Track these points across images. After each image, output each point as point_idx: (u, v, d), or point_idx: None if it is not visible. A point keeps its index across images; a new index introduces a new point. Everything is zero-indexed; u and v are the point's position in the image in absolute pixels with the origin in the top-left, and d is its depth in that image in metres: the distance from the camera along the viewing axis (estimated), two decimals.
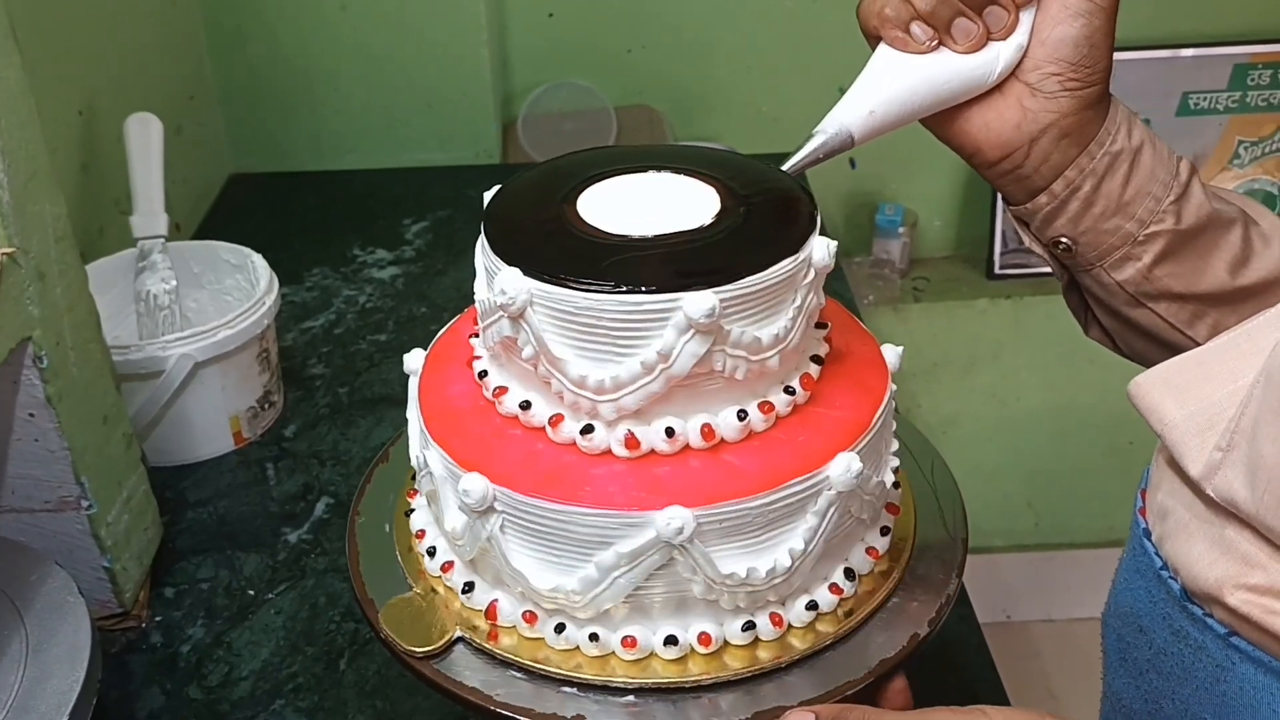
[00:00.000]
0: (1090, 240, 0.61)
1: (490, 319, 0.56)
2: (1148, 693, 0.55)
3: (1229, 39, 1.66)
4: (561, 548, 0.54)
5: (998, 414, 1.87)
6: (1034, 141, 0.59)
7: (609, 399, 0.53)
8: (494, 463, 0.54)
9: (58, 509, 0.77)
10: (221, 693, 0.79)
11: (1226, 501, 0.48)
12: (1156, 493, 0.54)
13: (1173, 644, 0.53)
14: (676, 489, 0.53)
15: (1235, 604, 0.49)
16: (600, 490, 0.53)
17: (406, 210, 1.42)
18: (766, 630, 0.56)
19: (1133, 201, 0.60)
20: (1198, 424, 0.50)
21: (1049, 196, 0.60)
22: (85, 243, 1.11)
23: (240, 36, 1.46)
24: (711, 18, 1.63)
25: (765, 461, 0.54)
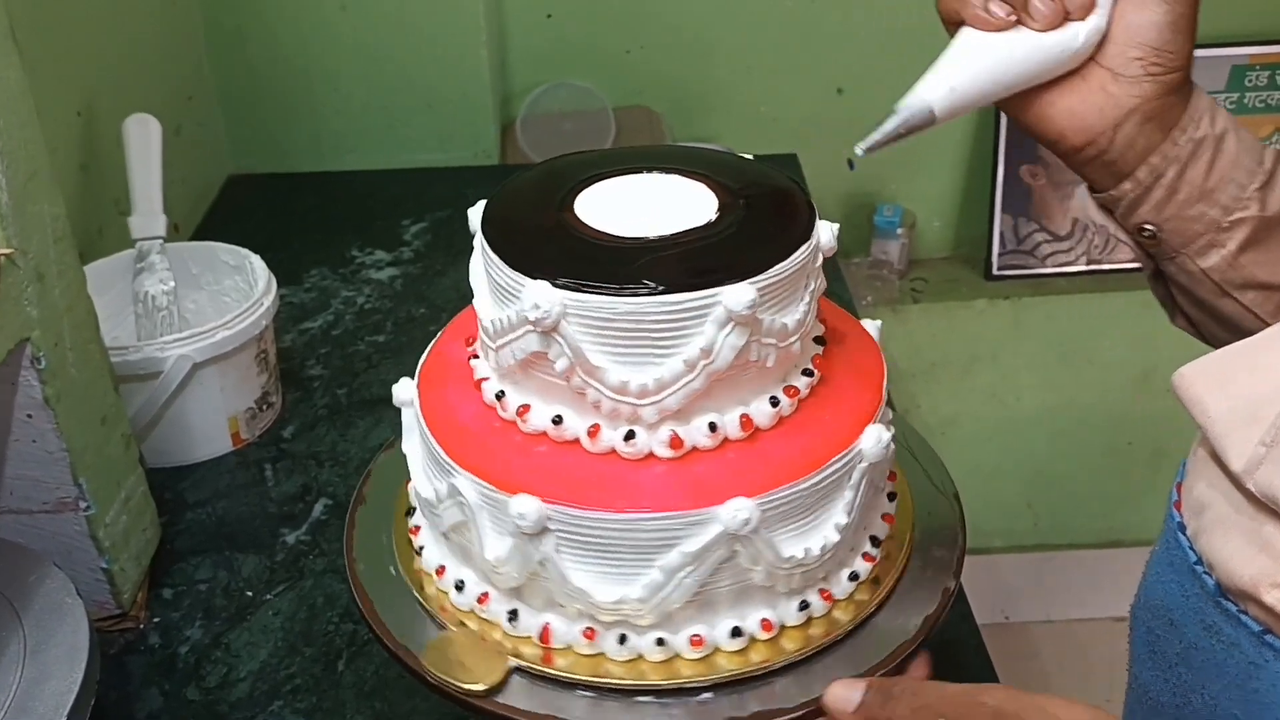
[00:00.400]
0: (1175, 227, 0.61)
1: (510, 337, 0.55)
2: (1176, 686, 0.55)
3: (1227, 40, 1.66)
4: (623, 557, 0.54)
5: (997, 415, 1.87)
6: (1118, 126, 0.59)
7: (651, 401, 0.54)
8: (539, 482, 0.54)
9: (56, 510, 0.77)
10: (220, 694, 0.79)
11: (1268, 498, 0.48)
12: (1194, 486, 0.54)
13: (1204, 639, 0.53)
14: (729, 482, 0.54)
15: (1272, 602, 0.48)
16: (656, 493, 0.54)
17: (405, 211, 1.42)
18: (819, 607, 0.57)
19: (1217, 188, 0.60)
20: (1241, 417, 0.50)
21: (1133, 183, 0.60)
22: (84, 243, 1.11)
23: (240, 37, 1.46)
24: (711, 18, 1.63)
25: (802, 444, 0.56)
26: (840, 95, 1.70)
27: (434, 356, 0.65)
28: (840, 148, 1.74)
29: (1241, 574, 0.50)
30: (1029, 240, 1.76)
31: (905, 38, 1.62)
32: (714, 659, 0.56)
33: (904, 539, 0.63)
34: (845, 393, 0.59)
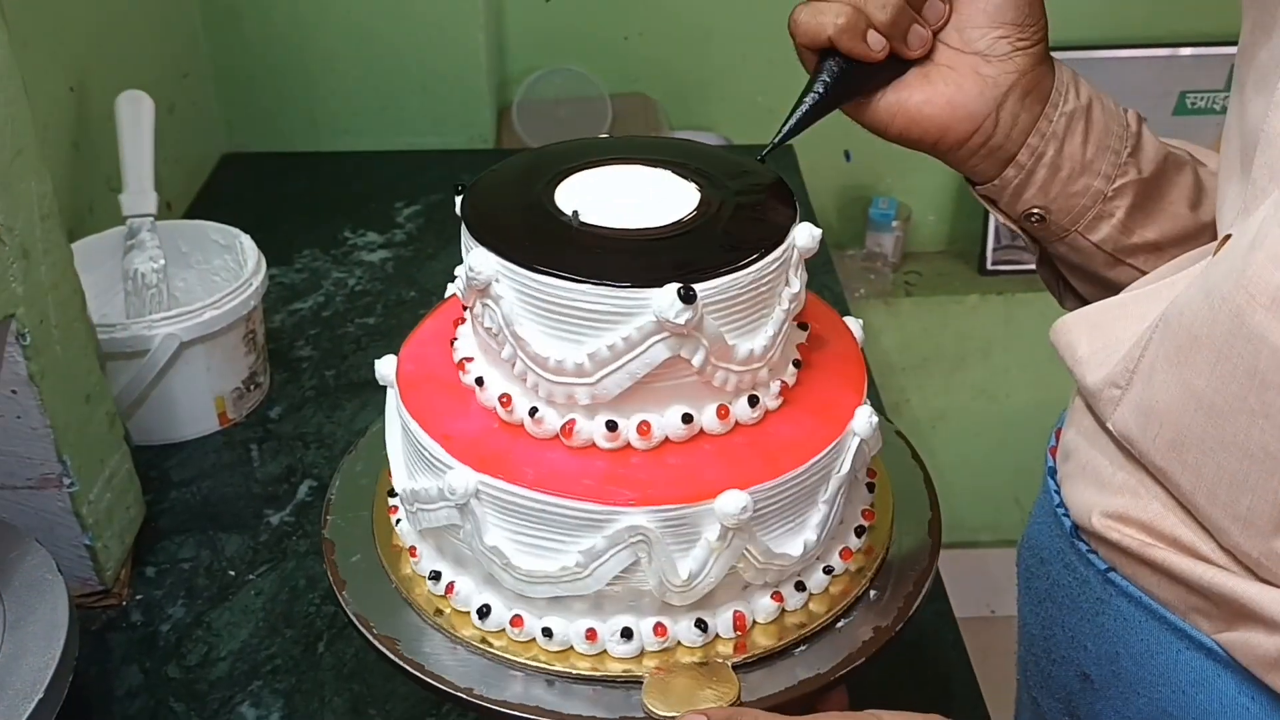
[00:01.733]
0: (1062, 205, 0.61)
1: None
2: (1044, 620, 0.59)
3: (1227, 38, 1.66)
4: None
5: (986, 409, 1.87)
6: (1000, 107, 0.59)
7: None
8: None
9: (39, 486, 0.77)
10: (200, 672, 0.79)
11: (1123, 437, 0.51)
12: (1066, 432, 0.57)
13: (1064, 576, 0.57)
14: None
15: (1098, 527, 0.52)
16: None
17: (399, 193, 1.41)
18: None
19: (1096, 158, 0.61)
20: (1099, 359, 0.52)
21: (1015, 169, 0.61)
22: (75, 220, 1.11)
23: (235, 15, 1.45)
24: (709, 6, 1.62)
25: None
26: None
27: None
28: (837, 139, 1.74)
29: (1077, 504, 0.54)
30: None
31: None
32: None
33: (882, 540, 0.63)
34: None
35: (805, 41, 0.60)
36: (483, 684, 0.55)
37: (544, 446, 0.55)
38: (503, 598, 0.57)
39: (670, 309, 0.50)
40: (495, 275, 0.54)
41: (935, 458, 0.71)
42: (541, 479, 0.53)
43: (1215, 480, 0.47)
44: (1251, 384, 0.45)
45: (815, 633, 0.58)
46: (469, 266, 0.54)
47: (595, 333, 0.52)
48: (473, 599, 0.57)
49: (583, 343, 0.53)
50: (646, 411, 0.55)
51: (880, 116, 0.61)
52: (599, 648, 0.55)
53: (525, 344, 0.54)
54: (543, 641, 0.56)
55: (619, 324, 0.52)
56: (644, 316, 0.51)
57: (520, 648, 0.56)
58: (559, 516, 0.53)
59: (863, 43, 0.58)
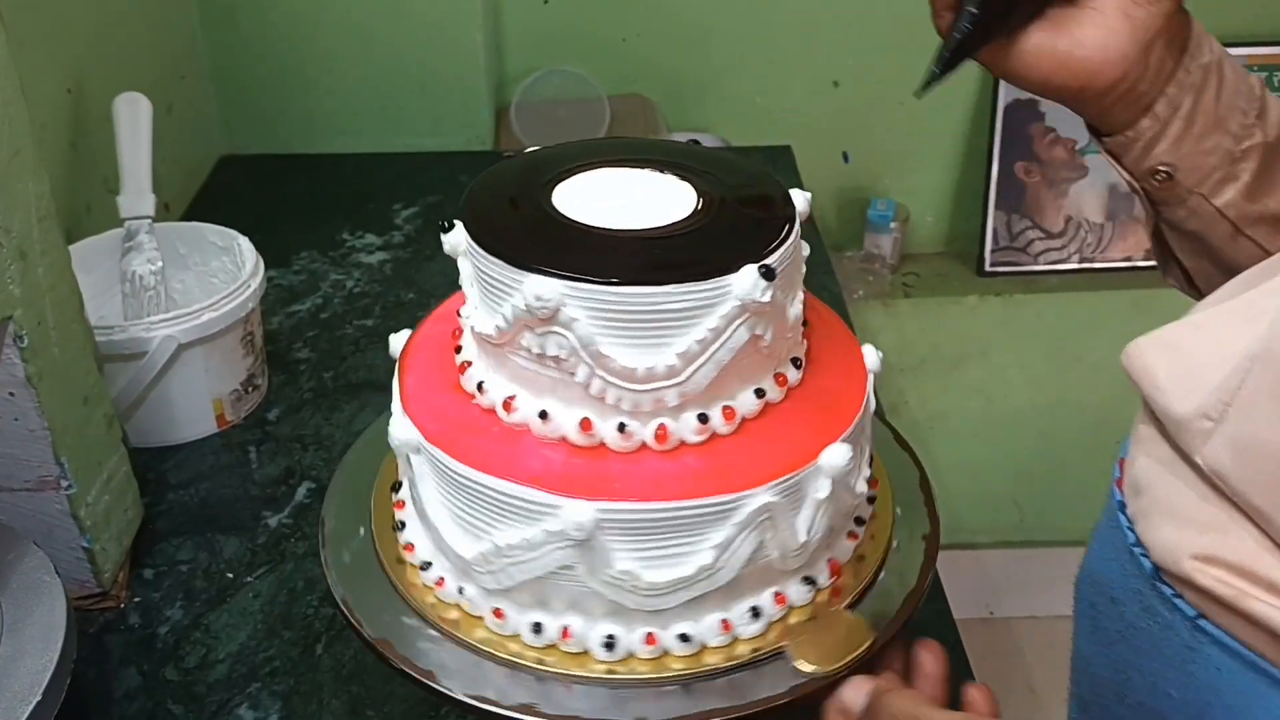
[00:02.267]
0: (1191, 163, 0.60)
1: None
2: (1116, 662, 0.56)
3: (1227, 41, 1.65)
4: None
5: (985, 410, 1.87)
6: (1148, 50, 0.58)
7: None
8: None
9: (37, 488, 0.77)
10: (198, 674, 0.79)
11: (1214, 473, 0.48)
12: (1135, 463, 0.54)
13: (1143, 619, 0.53)
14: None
15: (1188, 572, 0.49)
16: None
17: (397, 195, 1.41)
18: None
19: (1227, 116, 0.59)
20: (1185, 386, 0.50)
21: (1152, 120, 0.59)
22: (72, 221, 1.11)
23: (233, 16, 1.45)
24: (707, 8, 1.62)
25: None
26: (836, 88, 1.69)
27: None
28: (835, 140, 1.74)
29: (1165, 544, 0.50)
30: (1022, 237, 1.76)
31: (902, 32, 1.61)
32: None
33: (883, 539, 0.63)
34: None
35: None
36: (486, 687, 0.55)
37: (633, 459, 0.55)
38: (553, 612, 0.57)
39: (755, 289, 0.52)
40: (562, 300, 0.53)
41: (933, 458, 0.71)
42: (662, 490, 0.53)
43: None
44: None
45: None
46: (534, 296, 0.52)
47: (681, 331, 0.53)
48: (522, 622, 0.57)
49: (669, 344, 0.53)
50: (724, 398, 0.56)
51: (1027, 60, 0.59)
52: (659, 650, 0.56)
53: (609, 360, 0.53)
54: (601, 654, 0.56)
55: (703, 317, 0.53)
56: (727, 303, 0.53)
57: (571, 660, 0.57)
58: (691, 519, 0.53)
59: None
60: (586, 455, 0.55)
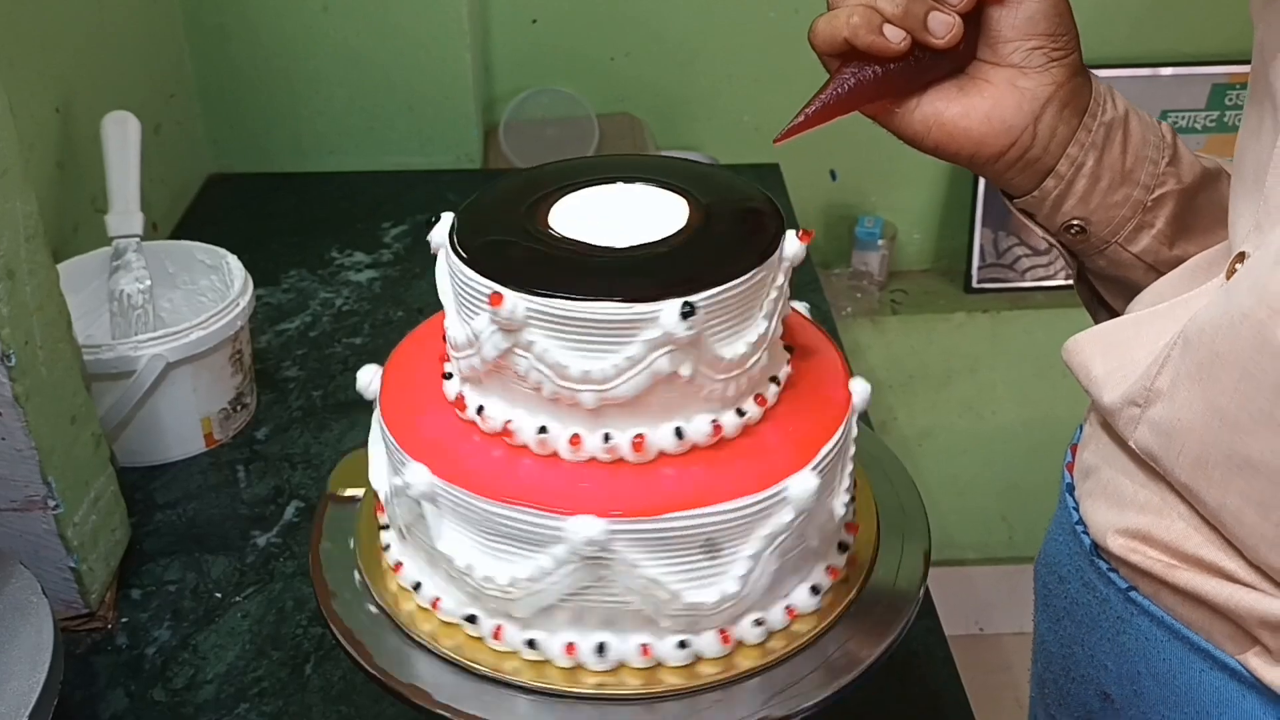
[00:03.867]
0: (1102, 217, 0.61)
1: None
2: (1063, 638, 0.58)
3: (1207, 59, 1.67)
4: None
5: (973, 427, 1.87)
6: (1038, 119, 0.58)
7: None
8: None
9: (24, 508, 0.77)
10: (186, 695, 0.79)
11: (1146, 454, 0.51)
12: (1084, 449, 0.57)
13: (1084, 594, 0.57)
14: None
15: (1116, 549, 0.52)
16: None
17: (386, 213, 1.41)
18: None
19: (1134, 168, 0.60)
20: (1115, 379, 0.52)
21: (1055, 179, 0.60)
22: (60, 241, 1.10)
23: (221, 35, 1.45)
24: (694, 27, 1.63)
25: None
26: None
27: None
28: (823, 158, 1.75)
29: (1094, 523, 0.54)
30: (1009, 254, 1.77)
31: None
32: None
33: (868, 551, 0.63)
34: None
35: (825, 48, 0.59)
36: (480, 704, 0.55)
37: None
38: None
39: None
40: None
41: (922, 475, 0.71)
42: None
43: (1242, 497, 0.46)
44: (1277, 399, 0.44)
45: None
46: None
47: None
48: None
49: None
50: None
51: (916, 128, 0.60)
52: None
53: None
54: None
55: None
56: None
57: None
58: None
59: (880, 37, 0.56)
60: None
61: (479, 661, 0.57)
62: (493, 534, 0.54)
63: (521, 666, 0.56)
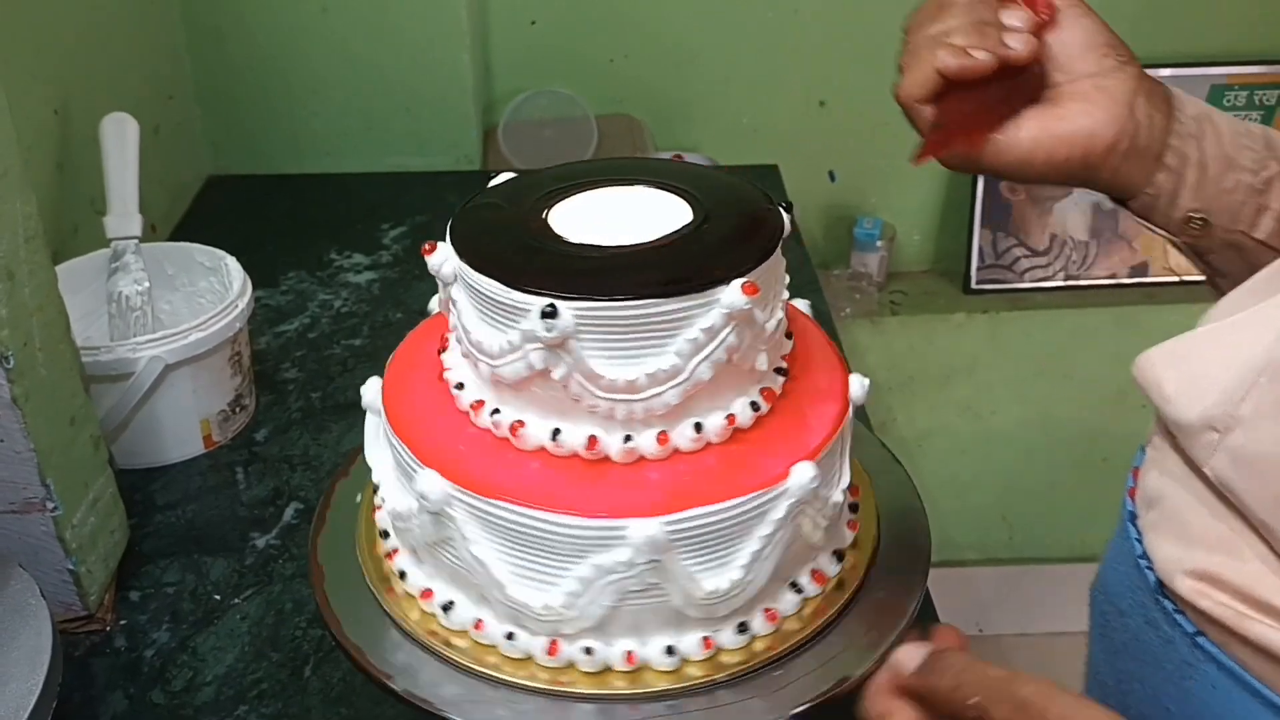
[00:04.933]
0: (1220, 204, 0.61)
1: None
2: (1121, 672, 0.56)
3: (1206, 60, 1.67)
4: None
5: (973, 428, 1.87)
6: (1132, 107, 0.60)
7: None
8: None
9: (22, 510, 0.77)
10: (185, 698, 0.79)
11: (1221, 484, 0.49)
12: (1148, 475, 0.55)
13: (1146, 632, 0.54)
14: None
15: (1184, 591, 0.49)
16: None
17: (384, 215, 1.41)
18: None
19: (1235, 154, 0.61)
20: (1192, 398, 0.50)
21: (1166, 173, 0.61)
22: (59, 242, 1.10)
23: (220, 37, 1.45)
24: (693, 28, 1.63)
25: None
26: (822, 108, 1.70)
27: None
28: (822, 160, 1.75)
29: (1167, 565, 0.51)
30: (1007, 255, 1.77)
31: (888, 52, 1.62)
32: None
33: (867, 551, 0.63)
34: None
35: (918, 91, 0.59)
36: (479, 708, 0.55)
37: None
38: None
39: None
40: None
41: (921, 476, 0.71)
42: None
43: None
44: None
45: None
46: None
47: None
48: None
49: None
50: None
51: (1025, 146, 0.61)
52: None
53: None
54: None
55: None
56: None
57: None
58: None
59: (968, 58, 0.57)
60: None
61: (483, 664, 0.57)
62: (531, 547, 0.54)
63: (531, 670, 0.56)
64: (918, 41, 0.59)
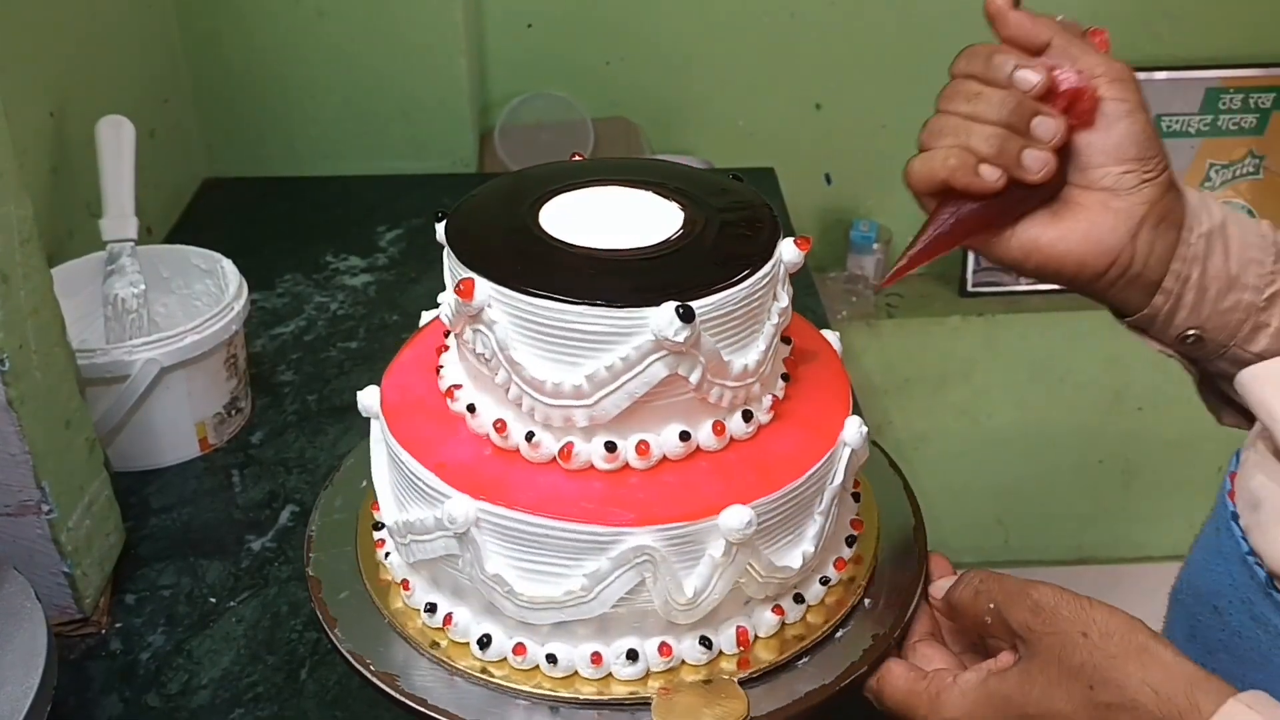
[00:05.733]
0: (1216, 324, 0.61)
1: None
2: (1215, 671, 0.56)
3: (1201, 63, 1.68)
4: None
5: (969, 431, 1.87)
6: (1135, 237, 0.59)
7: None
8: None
9: (18, 513, 0.76)
10: (181, 701, 0.78)
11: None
12: (1251, 479, 0.55)
13: (1250, 628, 0.55)
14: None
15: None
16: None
17: (380, 217, 1.41)
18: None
19: (1241, 273, 0.60)
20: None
21: (1163, 295, 0.60)
22: (54, 245, 1.10)
23: (216, 40, 1.45)
24: (689, 32, 1.63)
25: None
26: (818, 111, 1.70)
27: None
28: (818, 162, 1.75)
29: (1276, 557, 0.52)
30: None
31: (883, 55, 1.63)
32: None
33: (870, 549, 0.63)
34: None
35: (923, 188, 0.60)
36: (484, 715, 0.55)
37: (541, 471, 0.55)
38: (503, 626, 0.56)
39: (669, 327, 0.50)
40: (487, 300, 0.53)
41: (918, 479, 0.71)
42: (542, 503, 0.53)
43: None
44: None
45: (815, 644, 0.58)
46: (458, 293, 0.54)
47: (592, 354, 0.52)
48: (472, 629, 0.57)
49: (580, 365, 0.53)
50: (644, 431, 0.55)
51: (1015, 254, 0.61)
52: (604, 671, 0.55)
53: (521, 368, 0.53)
54: (546, 668, 0.55)
55: (616, 344, 0.52)
56: (642, 336, 0.51)
57: (523, 675, 0.56)
58: (562, 540, 0.52)
59: (976, 177, 0.57)
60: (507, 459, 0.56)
61: (475, 667, 0.57)
62: (553, 551, 0.53)
63: (520, 675, 0.56)
64: (943, 124, 0.58)
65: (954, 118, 0.58)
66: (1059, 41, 0.58)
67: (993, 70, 0.57)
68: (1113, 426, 1.83)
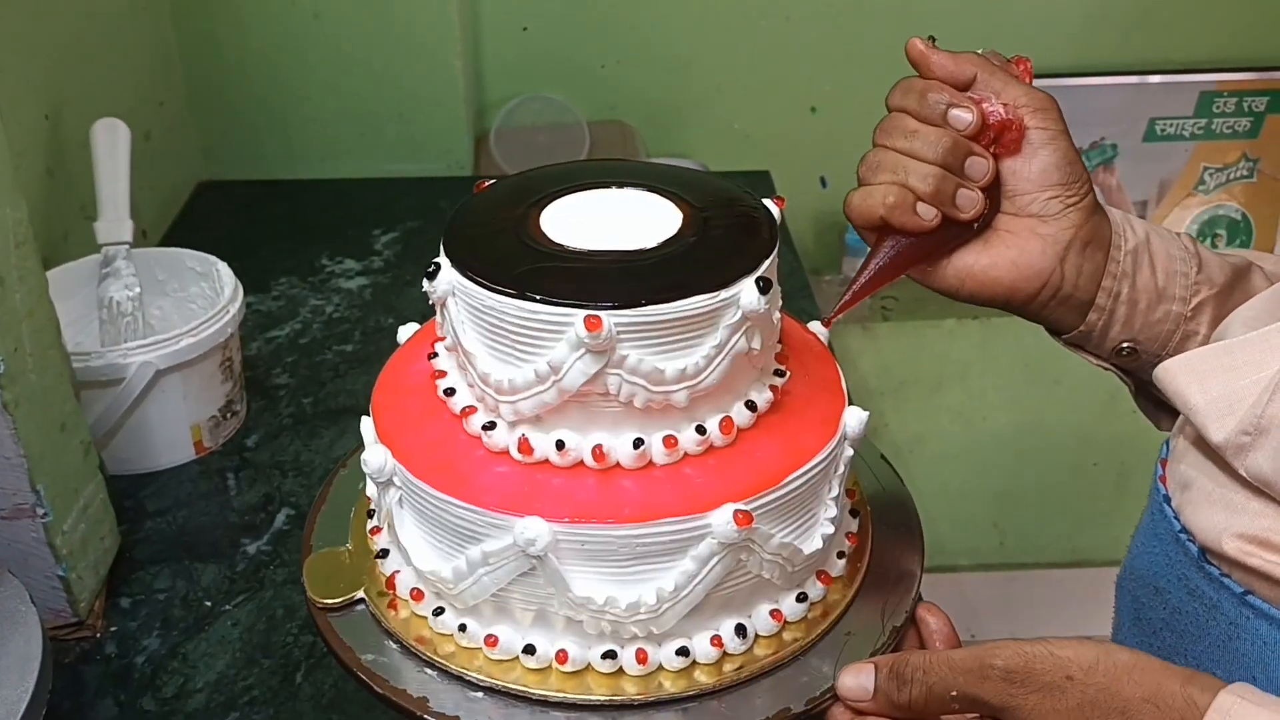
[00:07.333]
0: (1148, 335, 0.64)
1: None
2: (1160, 650, 0.58)
3: (1195, 66, 1.68)
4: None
5: (964, 433, 1.88)
6: (1063, 260, 0.62)
7: (507, 400, 0.55)
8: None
9: (12, 516, 0.76)
10: (176, 704, 0.78)
11: (1259, 481, 0.52)
12: (1178, 465, 0.58)
13: (1188, 603, 0.57)
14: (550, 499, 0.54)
15: (1231, 552, 0.52)
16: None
17: (376, 221, 1.41)
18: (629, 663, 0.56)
19: (1168, 285, 0.63)
20: (1220, 409, 0.53)
21: (1097, 312, 0.63)
22: (49, 248, 1.10)
23: (212, 43, 1.45)
24: (685, 35, 1.63)
25: (649, 496, 0.54)
26: (813, 114, 1.70)
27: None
28: (813, 165, 1.75)
29: (1208, 529, 0.54)
30: None
31: (878, 58, 1.63)
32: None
33: (864, 549, 0.63)
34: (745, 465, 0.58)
35: (862, 223, 0.62)
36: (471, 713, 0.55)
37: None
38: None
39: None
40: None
41: (913, 482, 0.71)
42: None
43: None
44: None
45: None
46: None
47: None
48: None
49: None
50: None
51: (950, 282, 0.64)
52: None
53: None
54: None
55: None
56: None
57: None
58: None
59: (914, 215, 0.59)
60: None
61: (473, 670, 0.57)
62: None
63: (522, 675, 0.56)
64: (881, 159, 0.61)
65: (891, 153, 0.61)
66: (983, 75, 0.61)
67: (927, 107, 0.60)
68: (1108, 429, 1.83)
